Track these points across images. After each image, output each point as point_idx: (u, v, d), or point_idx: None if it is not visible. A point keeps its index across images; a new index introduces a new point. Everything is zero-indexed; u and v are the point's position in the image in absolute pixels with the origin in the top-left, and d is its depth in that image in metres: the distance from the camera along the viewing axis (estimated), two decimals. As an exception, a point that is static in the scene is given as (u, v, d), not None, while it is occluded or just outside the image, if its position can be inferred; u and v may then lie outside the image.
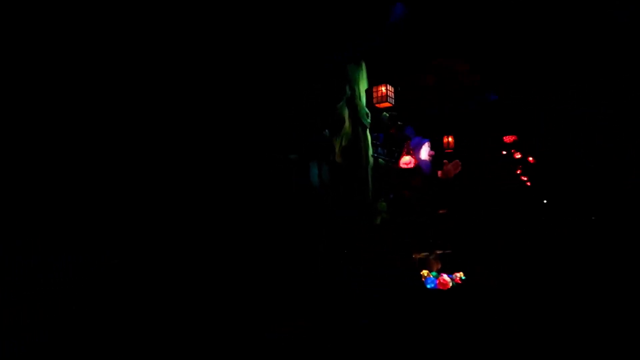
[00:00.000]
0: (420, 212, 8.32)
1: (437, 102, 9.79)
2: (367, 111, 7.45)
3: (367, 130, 7.45)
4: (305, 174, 6.02)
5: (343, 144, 6.86)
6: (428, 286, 7.77)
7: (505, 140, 14.10)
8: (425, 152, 8.74)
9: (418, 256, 8.29)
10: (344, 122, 6.90)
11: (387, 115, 8.15)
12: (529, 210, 12.85)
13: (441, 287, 7.78)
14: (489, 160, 11.74)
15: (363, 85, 7.61)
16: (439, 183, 8.84)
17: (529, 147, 14.31)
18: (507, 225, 10.95)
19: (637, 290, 7.65)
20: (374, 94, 7.70)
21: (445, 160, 8.97)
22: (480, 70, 9.60)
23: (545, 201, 14.66)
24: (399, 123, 8.42)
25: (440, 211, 8.72)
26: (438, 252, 8.55)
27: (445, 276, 8.10)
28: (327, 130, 6.47)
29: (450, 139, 9.75)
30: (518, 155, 14.55)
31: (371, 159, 7.49)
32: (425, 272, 8.04)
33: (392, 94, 7.68)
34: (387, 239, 7.48)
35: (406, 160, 8.46)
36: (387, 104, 7.63)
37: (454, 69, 9.37)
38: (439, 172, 8.90)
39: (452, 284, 8.03)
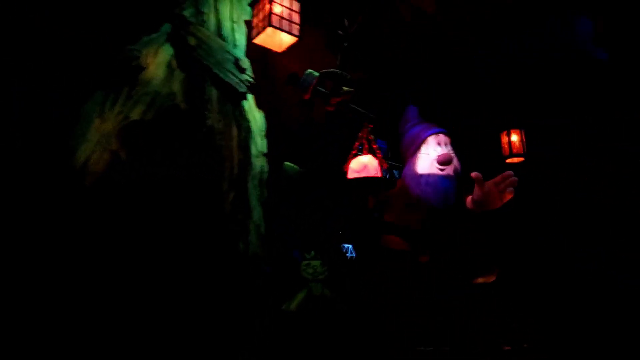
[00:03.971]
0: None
1: (454, 51, 4.96)
2: (243, 59, 2.98)
3: (247, 99, 3.01)
4: None
5: (134, 116, 2.41)
6: None
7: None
8: (427, 157, 3.48)
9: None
10: (143, 68, 2.50)
11: (313, 74, 3.40)
12: None
13: None
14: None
15: (236, 10, 3.16)
16: (470, 221, 3.48)
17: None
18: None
19: None
20: (254, 18, 3.24)
21: (475, 175, 3.05)
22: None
23: None
24: (345, 89, 3.48)
25: (480, 279, 3.58)
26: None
27: None
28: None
29: (515, 136, 4.80)
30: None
31: (259, 163, 3.00)
32: None
33: (297, 17, 3.14)
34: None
35: (358, 165, 3.46)
36: (289, 39, 3.14)
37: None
38: (468, 199, 3.34)
39: None
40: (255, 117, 3.08)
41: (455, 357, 3.20)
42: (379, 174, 3.56)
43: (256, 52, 3.29)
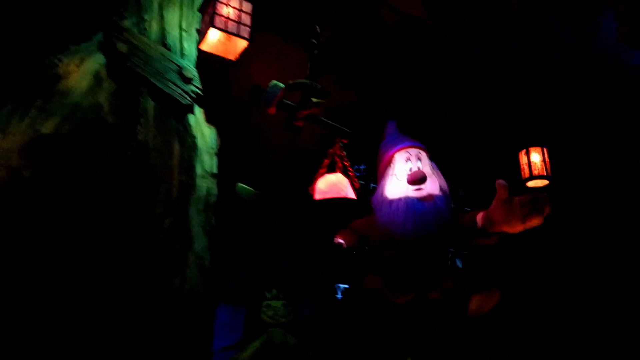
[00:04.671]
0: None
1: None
2: (188, 68, 2.62)
3: (194, 113, 2.67)
4: None
5: (45, 130, 2.03)
6: None
7: None
8: (395, 178, 2.87)
9: None
10: (61, 77, 2.18)
11: (278, 85, 3.02)
12: None
13: None
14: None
15: (186, 18, 2.79)
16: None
17: None
18: None
19: None
20: (202, 23, 2.80)
21: (500, 182, 2.44)
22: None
23: None
24: (314, 101, 3.04)
25: (474, 307, 2.97)
26: None
27: None
28: None
29: (536, 156, 4.26)
30: None
31: (206, 184, 2.62)
32: None
33: (248, 19, 2.76)
34: None
35: (326, 185, 2.98)
36: (241, 44, 2.78)
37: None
38: (479, 215, 2.64)
39: None
40: (204, 133, 2.72)
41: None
42: (352, 195, 3.04)
43: (232, 69, 3.00)
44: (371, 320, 2.74)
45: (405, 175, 2.85)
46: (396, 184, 2.87)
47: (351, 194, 3.01)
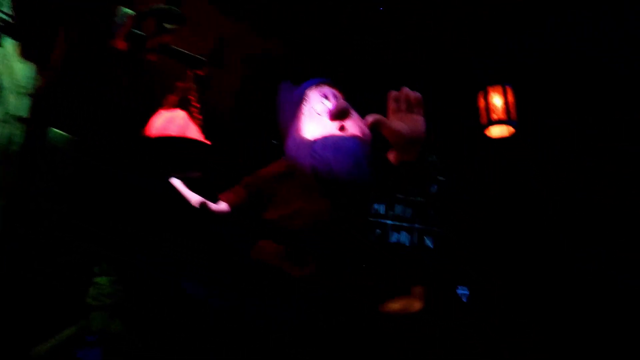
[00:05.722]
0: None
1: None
2: None
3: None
4: None
5: None
6: None
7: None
8: (314, 115, 2.19)
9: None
10: None
11: (128, 13, 2.54)
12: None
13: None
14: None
15: None
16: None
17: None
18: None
19: None
20: None
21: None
22: None
23: None
24: (168, 27, 2.53)
25: (392, 305, 1.94)
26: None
27: None
28: None
29: (497, 98, 3.47)
30: None
31: (7, 130, 2.15)
32: None
33: None
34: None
35: (163, 121, 2.36)
36: None
37: None
38: (390, 155, 1.95)
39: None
40: (14, 69, 2.29)
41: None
42: (195, 135, 2.45)
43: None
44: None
45: (326, 112, 2.29)
46: (316, 122, 2.27)
47: (195, 134, 2.45)
